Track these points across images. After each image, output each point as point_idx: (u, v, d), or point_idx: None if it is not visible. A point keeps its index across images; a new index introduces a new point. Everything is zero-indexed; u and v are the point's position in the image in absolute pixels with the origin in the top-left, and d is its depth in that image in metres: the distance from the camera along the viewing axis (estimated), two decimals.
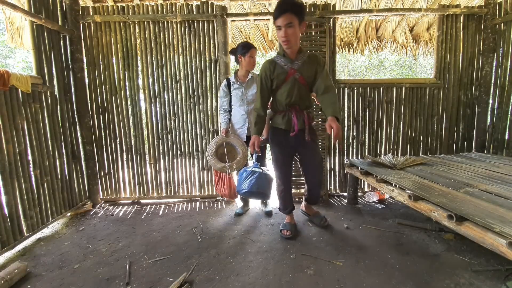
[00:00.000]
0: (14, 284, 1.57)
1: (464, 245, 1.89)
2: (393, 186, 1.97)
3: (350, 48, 3.60)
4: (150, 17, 2.72)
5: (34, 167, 2.16)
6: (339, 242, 2.00)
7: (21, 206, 2.03)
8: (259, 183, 2.07)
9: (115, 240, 2.11)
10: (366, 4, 3.20)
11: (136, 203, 2.95)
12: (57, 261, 1.83)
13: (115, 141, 2.92)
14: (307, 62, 1.84)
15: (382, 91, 2.95)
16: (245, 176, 2.12)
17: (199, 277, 1.62)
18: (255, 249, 1.93)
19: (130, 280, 1.61)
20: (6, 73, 1.89)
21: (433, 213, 1.53)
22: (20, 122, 2.05)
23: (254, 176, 2.10)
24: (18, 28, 2.91)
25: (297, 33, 1.69)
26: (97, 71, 2.81)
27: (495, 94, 2.88)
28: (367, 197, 2.93)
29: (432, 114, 3.01)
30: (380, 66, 9.93)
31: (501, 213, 1.32)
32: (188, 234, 2.18)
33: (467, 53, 2.93)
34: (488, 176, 1.98)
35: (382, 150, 3.06)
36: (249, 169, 2.16)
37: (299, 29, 1.70)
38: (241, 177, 2.16)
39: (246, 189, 2.07)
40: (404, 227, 2.21)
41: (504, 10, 2.75)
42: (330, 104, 1.75)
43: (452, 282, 1.52)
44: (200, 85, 2.85)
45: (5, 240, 1.88)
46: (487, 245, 1.22)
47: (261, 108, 1.96)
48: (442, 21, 2.89)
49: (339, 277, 1.59)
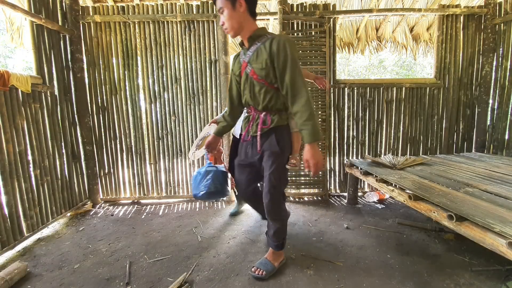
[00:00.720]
0: (14, 284, 1.57)
1: (464, 245, 1.89)
2: (393, 186, 1.97)
3: (350, 48, 3.60)
4: (150, 17, 2.72)
5: (34, 167, 2.16)
6: (339, 242, 2.00)
7: (21, 206, 2.03)
8: (216, 182, 1.89)
9: (115, 240, 2.11)
10: (366, 4, 3.20)
11: (136, 203, 2.94)
12: (57, 261, 1.83)
13: (115, 141, 2.92)
14: (260, 50, 1.41)
15: (382, 91, 2.95)
16: (200, 178, 1.93)
17: (199, 277, 1.62)
18: (255, 249, 1.93)
19: (130, 280, 1.61)
20: (6, 73, 1.89)
21: (433, 213, 1.53)
22: (20, 122, 2.05)
23: (210, 175, 1.91)
24: (18, 28, 2.91)
25: (234, 15, 1.37)
26: (97, 71, 2.81)
27: (495, 94, 2.88)
28: (367, 197, 2.93)
29: (432, 114, 3.01)
30: (380, 66, 9.93)
31: (501, 213, 1.32)
32: (188, 234, 2.18)
33: (467, 53, 2.94)
34: (488, 176, 1.98)
35: (382, 150, 3.06)
36: (203, 170, 1.95)
37: (236, 10, 1.37)
38: (196, 180, 1.96)
39: (204, 190, 1.89)
40: (404, 227, 2.21)
41: (504, 10, 2.75)
42: (302, 122, 1.33)
43: (452, 282, 1.52)
44: (200, 85, 2.85)
45: (5, 240, 1.88)
46: (487, 245, 1.22)
47: (228, 106, 1.73)
48: (442, 21, 2.89)
49: (339, 277, 1.59)
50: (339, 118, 2.97)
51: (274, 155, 1.51)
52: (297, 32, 2.79)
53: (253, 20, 1.46)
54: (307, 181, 2.99)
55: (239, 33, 1.44)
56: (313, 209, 2.68)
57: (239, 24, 1.41)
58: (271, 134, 1.52)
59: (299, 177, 2.96)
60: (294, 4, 2.83)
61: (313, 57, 2.81)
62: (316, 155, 1.36)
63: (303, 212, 2.60)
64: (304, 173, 2.97)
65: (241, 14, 1.38)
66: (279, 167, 1.53)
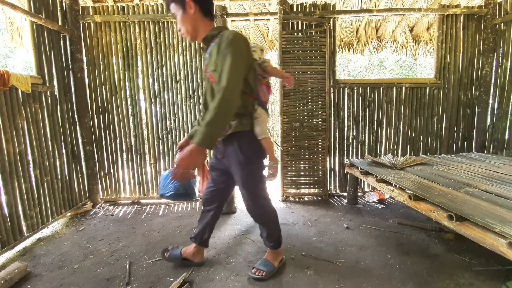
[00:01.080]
0: (14, 284, 1.57)
1: (464, 245, 1.89)
2: (393, 186, 1.97)
3: (350, 48, 3.60)
4: (150, 17, 2.72)
5: (34, 167, 2.16)
6: (339, 242, 2.00)
7: (21, 206, 2.03)
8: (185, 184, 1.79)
9: (115, 240, 2.11)
10: (366, 4, 3.20)
11: (136, 203, 2.94)
12: (57, 261, 1.83)
13: (115, 141, 2.92)
14: (213, 50, 1.32)
15: (382, 91, 2.95)
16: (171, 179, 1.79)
17: (199, 277, 1.62)
18: (255, 249, 1.93)
19: (130, 280, 1.61)
20: (6, 73, 1.89)
21: (433, 213, 1.53)
22: (20, 122, 2.05)
23: None
24: (18, 28, 2.91)
25: (186, 19, 1.31)
26: (97, 71, 2.81)
27: (495, 94, 2.88)
28: (367, 197, 2.93)
29: (432, 114, 3.01)
30: (380, 66, 9.93)
31: (501, 213, 1.32)
32: (188, 234, 2.18)
33: (467, 53, 2.94)
34: (488, 176, 1.98)
35: (382, 150, 3.06)
36: None
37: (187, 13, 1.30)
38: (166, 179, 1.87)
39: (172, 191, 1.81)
40: (404, 227, 2.21)
41: (504, 10, 2.75)
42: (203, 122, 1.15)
43: (452, 282, 1.52)
44: (200, 85, 2.85)
45: (5, 240, 1.88)
46: (487, 245, 1.22)
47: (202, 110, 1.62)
48: (442, 21, 2.89)
49: (339, 277, 1.59)
50: (339, 118, 2.97)
51: (240, 164, 1.42)
52: (297, 32, 2.79)
53: (209, 21, 1.37)
54: (307, 181, 2.99)
55: (195, 36, 1.37)
56: (313, 209, 2.68)
57: (193, 27, 1.34)
58: (234, 141, 1.41)
59: (299, 177, 2.96)
60: (294, 4, 2.82)
61: (313, 57, 2.81)
62: (188, 157, 1.12)
63: (303, 212, 2.60)
64: (304, 173, 2.97)
65: (194, 16, 1.31)
66: (248, 177, 1.45)
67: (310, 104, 2.87)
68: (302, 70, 2.81)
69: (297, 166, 2.95)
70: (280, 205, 2.81)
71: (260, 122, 1.45)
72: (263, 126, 1.46)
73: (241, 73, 1.25)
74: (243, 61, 1.25)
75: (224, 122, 1.18)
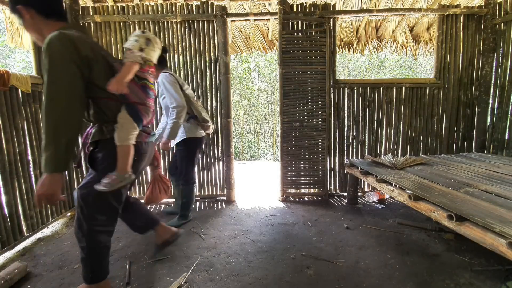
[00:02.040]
0: (14, 284, 1.57)
1: (464, 245, 1.89)
2: (393, 186, 1.97)
3: (350, 48, 3.60)
4: (150, 17, 2.72)
5: (34, 167, 2.16)
6: (339, 242, 2.00)
7: (21, 206, 2.03)
8: None
9: (115, 240, 2.11)
10: (366, 4, 3.20)
11: None
12: (57, 261, 1.83)
13: None
14: None
15: (382, 91, 2.95)
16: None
17: (199, 277, 1.62)
18: (255, 249, 1.93)
19: (130, 280, 1.61)
20: (6, 73, 1.89)
21: (433, 213, 1.53)
22: (20, 122, 2.05)
23: None
24: (18, 28, 2.91)
25: (28, 25, 1.24)
26: None
27: (495, 94, 2.88)
28: (367, 197, 2.93)
29: (432, 114, 3.01)
30: (380, 66, 9.94)
31: (501, 213, 1.32)
32: (188, 234, 2.18)
33: (467, 53, 2.94)
34: (488, 176, 1.98)
35: (382, 150, 3.06)
36: None
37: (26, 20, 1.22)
38: None
39: None
40: (404, 227, 2.21)
41: (504, 10, 2.75)
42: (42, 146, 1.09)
43: (452, 282, 1.52)
44: (200, 85, 2.85)
45: (5, 240, 1.88)
46: (487, 245, 1.22)
47: None
48: (442, 21, 2.89)
49: (339, 277, 1.59)
50: (339, 118, 2.97)
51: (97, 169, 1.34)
52: (297, 32, 2.79)
53: (55, 21, 1.25)
54: (307, 181, 2.99)
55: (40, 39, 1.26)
56: (313, 209, 2.68)
57: (37, 31, 1.25)
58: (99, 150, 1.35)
59: (299, 177, 2.96)
60: (294, 4, 2.82)
61: (313, 57, 2.81)
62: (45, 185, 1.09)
63: (303, 212, 2.61)
64: (304, 173, 2.97)
65: (33, 21, 1.22)
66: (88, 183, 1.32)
67: (310, 104, 2.87)
68: (302, 70, 2.81)
69: (297, 166, 2.95)
70: (280, 205, 2.81)
71: (119, 127, 1.29)
72: (123, 132, 1.29)
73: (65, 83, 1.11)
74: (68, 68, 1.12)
75: (58, 141, 1.09)
